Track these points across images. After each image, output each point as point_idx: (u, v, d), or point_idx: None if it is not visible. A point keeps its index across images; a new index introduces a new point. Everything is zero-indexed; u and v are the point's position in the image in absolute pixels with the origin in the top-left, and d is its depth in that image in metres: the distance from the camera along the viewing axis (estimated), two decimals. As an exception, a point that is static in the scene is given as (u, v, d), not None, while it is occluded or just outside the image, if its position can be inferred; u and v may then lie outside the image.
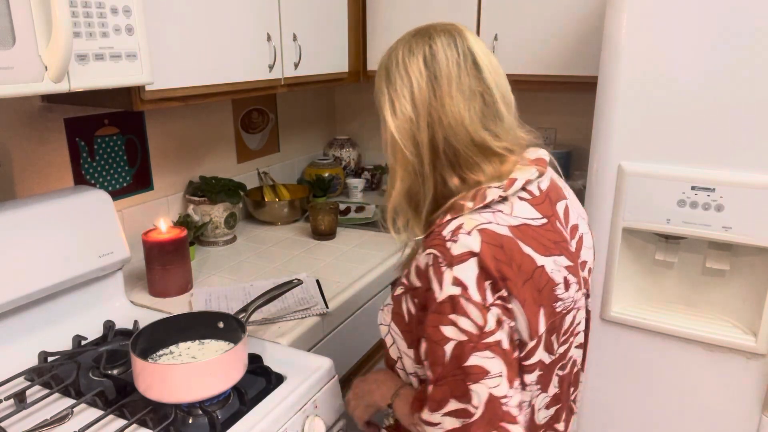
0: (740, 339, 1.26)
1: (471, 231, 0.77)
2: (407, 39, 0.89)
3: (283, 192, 2.03)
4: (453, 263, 0.76)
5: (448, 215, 0.81)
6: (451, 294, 0.76)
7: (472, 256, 0.76)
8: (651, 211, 1.28)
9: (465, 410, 0.77)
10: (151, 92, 1.21)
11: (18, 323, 1.13)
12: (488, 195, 0.82)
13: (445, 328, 0.76)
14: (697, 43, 1.17)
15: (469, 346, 0.75)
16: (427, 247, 0.79)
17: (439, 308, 0.77)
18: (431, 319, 0.78)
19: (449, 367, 0.77)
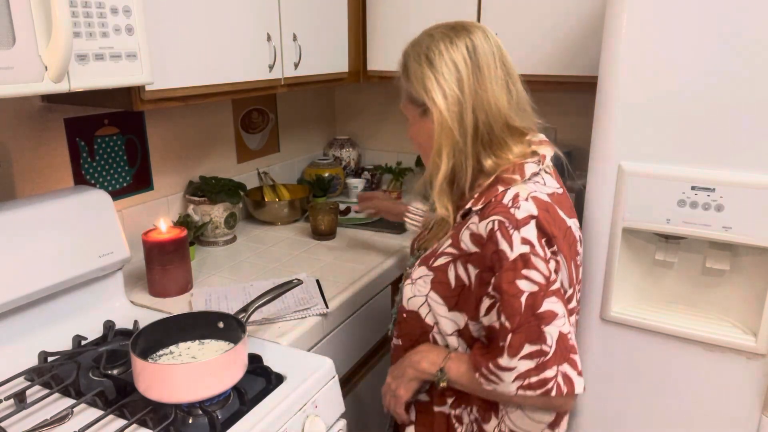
0: (740, 339, 1.26)
1: (527, 198, 0.93)
2: (445, 33, 1.00)
3: (283, 192, 2.03)
4: (519, 226, 0.91)
5: (499, 187, 0.96)
6: (522, 252, 0.90)
7: (532, 218, 0.91)
8: (651, 211, 1.28)
9: (540, 350, 0.90)
10: (151, 92, 1.21)
11: (18, 323, 1.13)
12: (527, 169, 0.98)
13: (520, 282, 0.90)
14: (698, 43, 1.17)
15: (540, 295, 0.90)
16: (489, 215, 0.93)
17: (512, 266, 0.90)
18: (505, 276, 0.90)
19: (525, 316, 0.90)
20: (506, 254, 0.90)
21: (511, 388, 0.92)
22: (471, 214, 0.98)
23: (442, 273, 1.01)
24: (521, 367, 0.90)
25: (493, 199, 0.95)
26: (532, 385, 0.91)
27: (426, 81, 0.98)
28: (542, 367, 0.90)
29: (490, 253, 0.92)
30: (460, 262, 0.98)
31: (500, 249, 0.91)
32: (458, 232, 0.99)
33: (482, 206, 0.96)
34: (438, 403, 1.08)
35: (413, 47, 1.02)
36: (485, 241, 0.93)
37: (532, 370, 0.90)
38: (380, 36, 1.96)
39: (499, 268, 0.91)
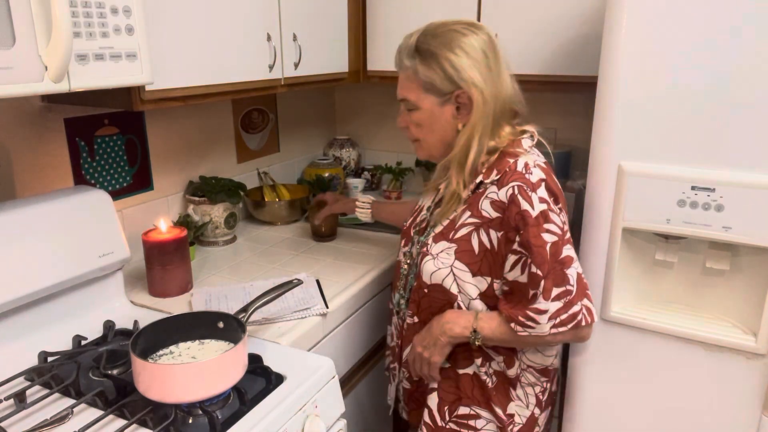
0: (740, 339, 1.26)
1: (534, 165, 1.10)
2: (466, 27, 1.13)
3: (283, 192, 2.03)
4: (535, 188, 1.07)
5: (508, 159, 1.11)
6: (542, 209, 1.06)
7: (542, 181, 1.08)
8: (651, 211, 1.28)
9: (566, 290, 1.08)
10: (151, 92, 1.21)
11: (18, 323, 1.13)
12: (524, 144, 1.16)
13: (544, 234, 1.06)
14: (698, 43, 1.17)
15: (560, 244, 1.07)
16: (507, 182, 1.08)
17: (535, 222, 1.06)
18: (532, 231, 1.06)
19: (551, 263, 1.06)
20: (529, 213, 1.06)
21: (546, 328, 1.08)
22: (482, 186, 1.13)
23: (465, 242, 1.14)
24: (552, 308, 1.07)
25: (507, 169, 1.10)
26: (564, 321, 1.08)
27: (467, 69, 1.10)
28: (569, 305, 1.08)
29: (514, 214, 1.07)
30: (483, 228, 1.12)
31: (523, 209, 1.06)
32: (477, 203, 1.13)
33: (498, 177, 1.11)
34: (463, 366, 1.21)
35: (436, 38, 1.12)
36: (507, 205, 1.08)
37: (561, 308, 1.08)
38: (380, 36, 1.96)
39: (524, 226, 1.06)
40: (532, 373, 1.22)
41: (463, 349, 1.20)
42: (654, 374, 1.37)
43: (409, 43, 1.15)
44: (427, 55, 1.12)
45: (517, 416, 1.22)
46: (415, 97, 1.15)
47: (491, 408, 1.21)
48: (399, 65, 1.18)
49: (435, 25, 1.15)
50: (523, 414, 1.22)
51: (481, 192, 1.13)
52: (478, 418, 1.22)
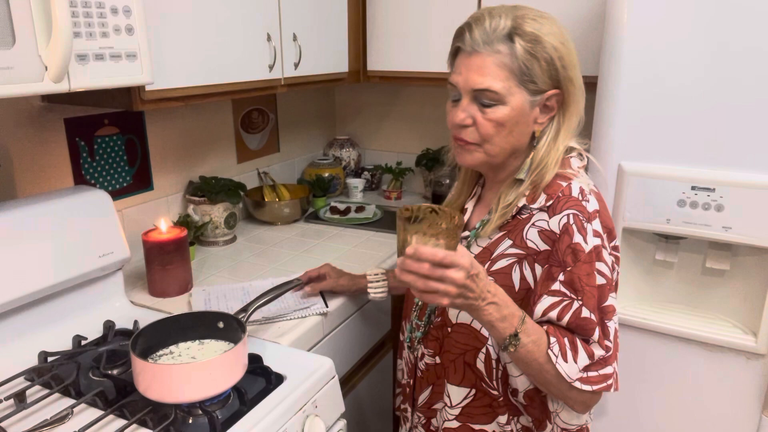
0: (740, 339, 1.26)
1: (590, 192, 0.93)
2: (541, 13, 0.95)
3: (283, 192, 2.03)
4: (591, 219, 0.90)
5: (560, 182, 0.94)
6: (596, 244, 0.89)
7: (597, 213, 0.91)
8: (651, 211, 1.28)
9: (606, 346, 0.90)
10: (151, 92, 1.21)
11: (18, 323, 1.13)
12: (573, 164, 0.97)
13: (596, 275, 0.89)
14: (698, 43, 1.17)
15: (607, 289, 0.90)
16: (561, 209, 0.91)
17: (588, 258, 0.89)
18: (584, 268, 0.88)
19: (596, 309, 0.89)
20: (582, 247, 0.89)
21: (574, 374, 0.88)
22: (526, 211, 0.95)
23: (505, 276, 0.95)
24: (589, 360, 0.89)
25: (561, 194, 0.92)
26: (592, 380, 0.89)
27: (575, 67, 0.94)
28: (604, 363, 0.89)
29: (564, 247, 0.89)
30: (527, 262, 0.94)
31: (575, 242, 0.89)
32: (520, 231, 0.95)
33: (549, 203, 0.93)
34: (481, 422, 1.01)
35: (539, 23, 0.92)
36: (558, 236, 0.90)
37: (595, 365, 0.89)
38: (380, 36, 1.96)
39: (574, 261, 0.89)
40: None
41: (485, 404, 1.00)
42: (654, 374, 1.37)
43: (500, 24, 0.91)
44: (533, 40, 0.90)
45: None
46: (505, 89, 0.91)
47: None
48: (481, 47, 0.91)
49: (522, 9, 0.94)
50: None
51: (525, 218, 0.95)
52: None
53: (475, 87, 0.92)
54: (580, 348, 0.88)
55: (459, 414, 1.03)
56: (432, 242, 0.80)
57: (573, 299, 0.89)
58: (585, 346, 0.89)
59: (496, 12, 0.93)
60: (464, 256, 0.80)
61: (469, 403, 1.02)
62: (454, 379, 1.02)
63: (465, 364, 1.00)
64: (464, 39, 0.94)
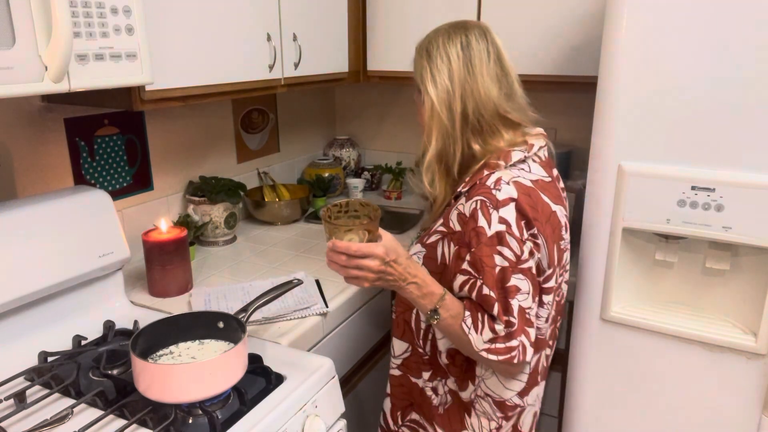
0: (740, 339, 1.26)
1: (509, 182, 1.01)
2: (446, 29, 1.10)
3: (283, 192, 2.04)
4: (498, 206, 0.99)
5: (485, 171, 1.04)
6: (498, 230, 0.98)
7: (512, 201, 0.99)
8: (651, 211, 1.28)
9: (509, 321, 0.99)
10: (151, 92, 1.21)
11: (18, 323, 1.13)
12: (513, 156, 1.06)
13: (495, 256, 0.98)
14: (697, 42, 1.17)
15: (509, 271, 0.99)
16: (473, 196, 1.01)
17: (489, 241, 0.98)
18: (485, 250, 0.99)
19: (496, 288, 0.99)
20: (485, 230, 0.99)
21: (480, 345, 1.00)
22: (461, 197, 1.06)
23: (433, 249, 1.10)
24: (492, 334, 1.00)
25: (478, 181, 1.03)
26: (498, 350, 0.99)
27: (422, 71, 1.09)
28: (509, 337, 0.99)
29: (470, 230, 1.01)
30: (447, 239, 1.07)
31: (479, 226, 0.99)
32: (449, 213, 1.08)
33: (469, 188, 1.05)
34: (414, 375, 1.19)
35: (422, 42, 1.12)
36: (467, 219, 1.02)
37: (501, 338, 0.99)
38: (380, 36, 1.96)
39: (477, 244, 0.99)
40: (489, 404, 1.13)
41: (415, 359, 1.18)
42: (654, 374, 1.37)
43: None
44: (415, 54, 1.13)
45: None
46: (416, 95, 1.15)
47: (435, 429, 1.17)
48: None
49: (443, 28, 1.13)
50: None
51: (456, 202, 1.07)
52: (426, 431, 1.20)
53: None
54: (486, 323, 1.00)
55: (400, 364, 1.22)
56: (347, 237, 0.95)
57: (476, 278, 1.00)
58: (489, 322, 1.00)
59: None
60: (379, 246, 0.96)
61: (407, 357, 1.20)
62: (397, 332, 1.21)
63: (404, 321, 1.19)
64: None
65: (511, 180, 1.02)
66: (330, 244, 0.96)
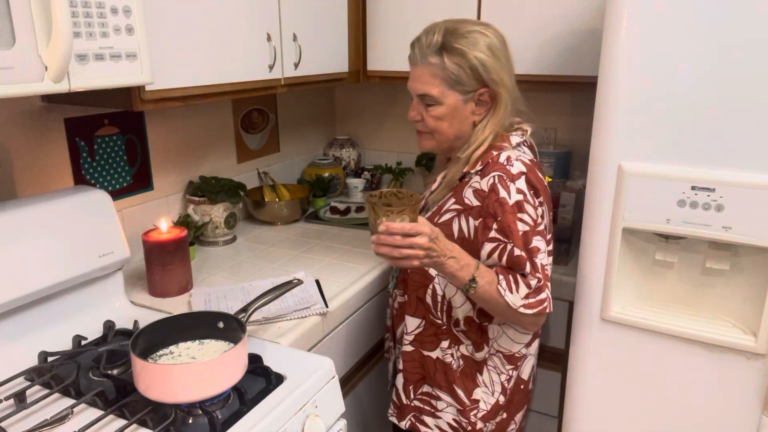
0: (740, 339, 1.26)
1: (517, 159, 1.17)
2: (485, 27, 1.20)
3: (283, 192, 2.03)
4: (514, 179, 1.14)
5: (493, 152, 1.19)
6: (517, 199, 1.14)
7: (522, 174, 1.15)
8: (651, 211, 1.28)
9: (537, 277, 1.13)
10: (151, 92, 1.21)
11: (18, 323, 1.13)
12: (513, 140, 1.23)
13: (518, 222, 1.13)
14: (697, 42, 1.17)
15: (530, 233, 1.14)
16: (489, 172, 1.16)
17: (512, 209, 1.13)
18: (510, 217, 1.13)
19: (525, 248, 1.13)
20: (506, 200, 1.13)
21: (518, 302, 1.12)
22: (468, 176, 1.21)
23: (447, 227, 1.21)
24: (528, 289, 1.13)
25: (491, 160, 1.18)
26: (532, 304, 1.13)
27: (497, 70, 1.18)
28: (539, 291, 1.13)
29: (493, 201, 1.14)
30: (463, 215, 1.20)
31: (501, 197, 1.14)
32: (461, 191, 1.21)
33: (481, 167, 1.19)
34: (428, 348, 1.29)
35: (464, 38, 1.17)
36: (487, 193, 1.15)
37: (533, 292, 1.13)
38: (380, 36, 1.96)
39: (502, 213, 1.13)
40: (500, 359, 1.27)
41: (431, 333, 1.28)
42: (654, 374, 1.37)
43: (433, 41, 1.18)
44: (456, 53, 1.16)
45: (482, 402, 1.27)
46: (439, 93, 1.19)
47: (453, 391, 1.27)
48: (419, 61, 1.21)
49: (454, 24, 1.19)
50: (488, 401, 1.28)
51: (466, 181, 1.21)
52: (439, 400, 1.29)
53: (419, 92, 1.22)
54: (520, 281, 1.13)
55: (413, 340, 1.30)
56: (398, 219, 1.04)
57: (506, 242, 1.13)
58: (523, 279, 1.13)
59: (433, 29, 1.20)
60: (425, 224, 1.05)
61: (420, 332, 1.29)
62: (409, 310, 1.30)
63: (417, 298, 1.28)
64: (411, 53, 1.23)
65: (517, 158, 1.17)
66: (383, 227, 1.03)
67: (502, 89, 1.19)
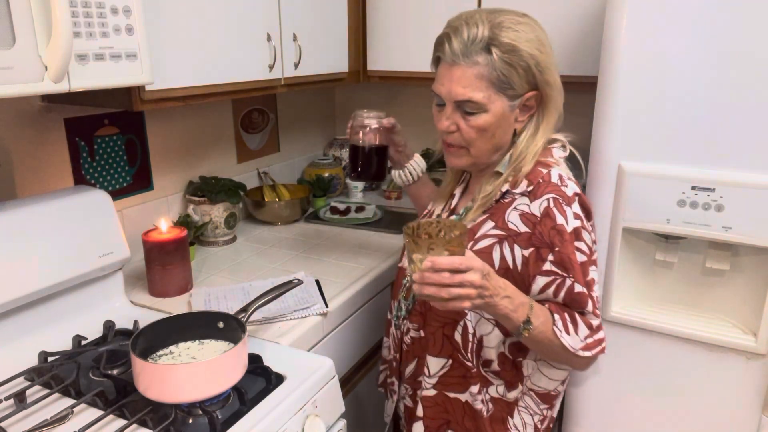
0: (740, 339, 1.26)
1: (569, 178, 1.01)
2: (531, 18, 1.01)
3: (283, 192, 2.03)
4: (570, 202, 0.98)
5: (540, 168, 1.01)
6: (575, 226, 0.98)
7: (576, 195, 1.00)
8: (651, 211, 1.28)
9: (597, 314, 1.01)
10: (151, 92, 1.21)
11: (18, 323, 1.13)
12: (555, 153, 1.06)
13: (577, 252, 0.98)
14: (698, 42, 1.17)
15: (587, 264, 0.99)
16: (542, 194, 0.98)
17: (570, 238, 0.97)
18: (569, 248, 0.97)
19: (585, 283, 0.98)
20: (565, 228, 0.97)
21: (578, 344, 0.98)
22: (509, 195, 1.02)
23: (486, 255, 1.01)
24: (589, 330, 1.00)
25: (541, 179, 1.00)
26: (590, 345, 0.99)
27: (551, 70, 1.01)
28: (598, 329, 1.01)
29: (548, 229, 0.97)
30: (507, 243, 1.00)
31: (558, 224, 0.97)
32: (502, 214, 1.02)
33: (530, 187, 1.00)
34: (455, 390, 1.09)
35: (515, 31, 0.96)
36: (539, 219, 0.98)
37: (592, 332, 1.00)
38: (380, 36, 1.96)
39: (560, 242, 0.97)
40: (532, 398, 1.11)
41: (459, 374, 1.08)
42: (654, 374, 1.37)
43: (479, 35, 0.96)
44: (509, 50, 0.96)
45: None
46: (485, 98, 0.98)
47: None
48: (461, 59, 0.97)
49: (496, 14, 0.98)
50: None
51: (508, 202, 1.02)
52: None
53: (458, 98, 0.99)
54: (579, 321, 0.99)
55: (436, 383, 1.10)
56: (445, 252, 0.86)
57: (565, 277, 0.98)
58: (583, 318, 0.99)
59: (473, 20, 0.97)
60: (475, 259, 0.87)
61: (446, 372, 1.09)
62: (433, 350, 1.09)
63: (444, 336, 1.07)
64: (444, 49, 0.99)
65: (568, 176, 1.02)
66: (428, 263, 0.84)
67: (555, 92, 1.02)
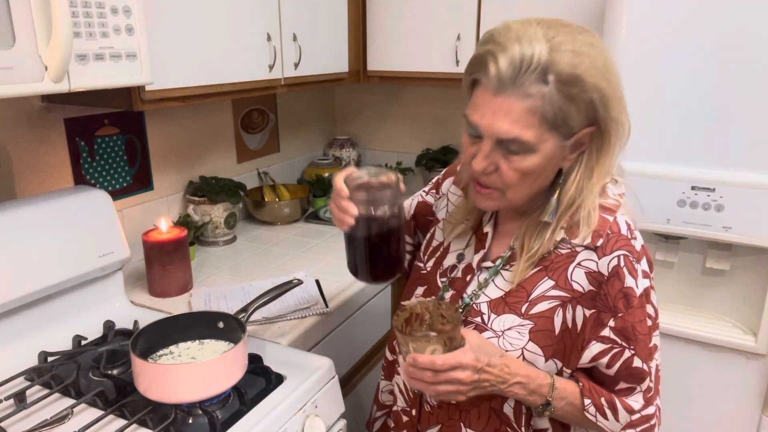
0: (740, 339, 1.26)
1: (635, 225, 0.86)
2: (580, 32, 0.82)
3: (283, 192, 2.03)
4: (640, 259, 0.83)
5: (604, 215, 0.84)
6: (646, 286, 0.83)
7: (643, 249, 0.85)
8: (651, 211, 1.28)
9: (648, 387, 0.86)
10: (151, 92, 1.21)
11: (18, 323, 1.13)
12: (610, 192, 0.87)
13: (647, 320, 0.83)
14: (697, 43, 1.17)
15: (653, 329, 0.85)
16: (613, 249, 0.82)
17: (639, 303, 0.82)
18: (637, 315, 0.82)
19: (646, 359, 0.84)
20: (634, 291, 0.82)
21: (617, 429, 0.86)
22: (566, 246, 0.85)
23: (547, 320, 0.85)
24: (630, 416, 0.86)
25: (610, 230, 0.83)
26: (635, 423, 0.86)
27: (616, 105, 0.79)
28: (647, 404, 0.86)
29: (615, 292, 0.82)
30: (570, 305, 0.84)
31: (627, 287, 0.82)
32: (563, 270, 0.85)
33: (600, 241, 0.83)
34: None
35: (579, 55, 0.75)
36: (607, 279, 0.82)
37: (634, 413, 0.86)
38: (380, 36, 1.96)
39: (626, 308, 0.82)
40: None
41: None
42: (654, 374, 1.37)
43: (534, 58, 0.74)
44: (571, 81, 0.74)
45: None
46: (536, 138, 0.76)
47: None
48: (508, 87, 0.75)
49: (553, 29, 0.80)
50: None
51: (568, 255, 0.85)
52: None
53: (502, 137, 0.77)
54: (620, 407, 0.85)
55: None
56: (430, 347, 0.78)
57: (624, 347, 0.83)
58: (624, 402, 0.85)
59: (527, 37, 0.76)
60: (467, 353, 0.77)
61: None
62: (476, 425, 0.92)
63: (491, 410, 0.91)
64: (487, 72, 0.76)
65: (634, 223, 0.86)
66: (410, 359, 0.78)
67: (619, 130, 0.81)
